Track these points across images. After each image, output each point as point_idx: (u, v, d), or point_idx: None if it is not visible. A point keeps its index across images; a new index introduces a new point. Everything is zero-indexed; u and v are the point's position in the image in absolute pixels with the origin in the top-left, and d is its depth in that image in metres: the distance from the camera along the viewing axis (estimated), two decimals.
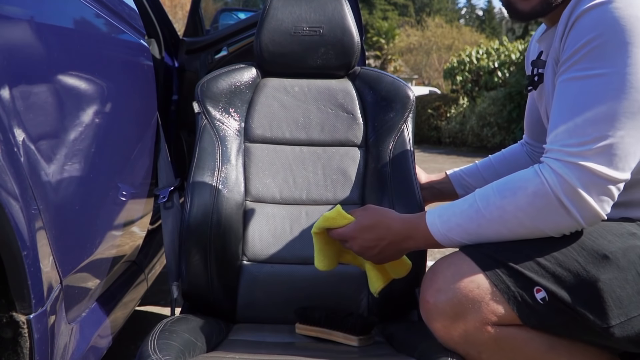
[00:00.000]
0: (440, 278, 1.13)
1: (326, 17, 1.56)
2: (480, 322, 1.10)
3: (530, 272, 1.09)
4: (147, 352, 1.08)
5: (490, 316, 1.09)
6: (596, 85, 1.04)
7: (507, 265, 1.10)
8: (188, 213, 1.42)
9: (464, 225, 1.12)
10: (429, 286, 1.14)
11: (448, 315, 1.11)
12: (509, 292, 1.09)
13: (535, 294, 1.08)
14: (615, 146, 1.02)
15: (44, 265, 0.97)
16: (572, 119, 1.05)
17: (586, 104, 1.04)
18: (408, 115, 1.54)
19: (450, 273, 1.12)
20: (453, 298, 1.10)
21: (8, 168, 0.88)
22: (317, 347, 1.28)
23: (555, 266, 1.08)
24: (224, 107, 1.53)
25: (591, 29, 1.05)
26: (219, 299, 1.43)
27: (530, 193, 1.06)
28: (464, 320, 1.10)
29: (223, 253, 1.43)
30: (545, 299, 1.08)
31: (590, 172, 1.02)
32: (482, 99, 11.78)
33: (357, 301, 1.45)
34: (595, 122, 1.03)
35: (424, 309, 1.15)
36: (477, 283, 1.10)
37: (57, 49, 1.09)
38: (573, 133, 1.04)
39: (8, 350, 0.95)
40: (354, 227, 1.20)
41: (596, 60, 1.04)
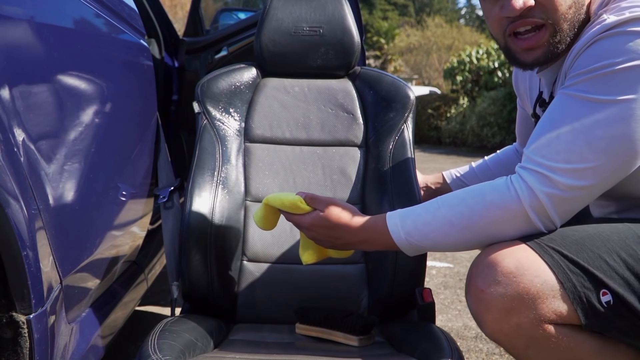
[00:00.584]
0: (499, 268, 1.07)
1: (326, 17, 1.56)
2: (536, 319, 1.06)
3: (600, 272, 1.06)
4: (147, 352, 1.08)
5: (549, 314, 1.06)
6: (594, 109, 1.05)
7: (576, 262, 1.06)
8: (188, 213, 1.42)
9: (427, 230, 1.13)
10: (485, 274, 1.08)
11: (503, 309, 1.06)
12: (574, 292, 1.05)
13: (601, 297, 1.05)
14: (592, 171, 1.05)
15: (44, 265, 0.97)
16: (560, 135, 1.07)
17: (578, 124, 1.05)
18: (408, 115, 1.54)
19: (513, 264, 1.06)
20: (514, 292, 1.05)
21: (8, 168, 0.88)
22: (317, 347, 1.28)
23: (624, 269, 1.06)
24: (224, 107, 1.53)
25: (608, 55, 1.03)
26: (219, 299, 1.43)
27: (500, 205, 1.09)
28: (519, 314, 1.06)
29: (223, 253, 1.43)
30: (609, 303, 1.05)
31: (559, 188, 1.06)
32: (482, 99, 11.78)
33: (357, 301, 1.45)
34: (581, 145, 1.05)
35: (475, 298, 1.09)
36: (543, 279, 1.05)
37: (57, 49, 1.09)
38: (555, 148, 1.06)
39: (8, 350, 0.95)
40: (312, 220, 1.19)
41: (601, 86, 1.04)
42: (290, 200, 1.20)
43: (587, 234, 1.10)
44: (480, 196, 1.11)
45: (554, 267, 1.06)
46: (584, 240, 1.09)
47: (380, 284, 1.44)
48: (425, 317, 1.36)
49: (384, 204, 1.46)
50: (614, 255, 1.07)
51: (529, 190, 1.07)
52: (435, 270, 3.24)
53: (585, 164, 1.05)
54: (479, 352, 2.13)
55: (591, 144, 1.05)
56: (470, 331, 2.34)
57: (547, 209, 1.07)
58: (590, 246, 1.08)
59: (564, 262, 1.07)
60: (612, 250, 1.08)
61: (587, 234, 1.10)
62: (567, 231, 1.11)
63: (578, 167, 1.05)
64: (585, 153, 1.05)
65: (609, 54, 1.03)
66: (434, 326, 1.30)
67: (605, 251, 1.07)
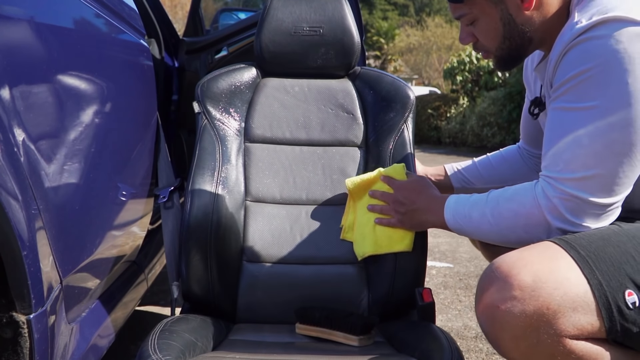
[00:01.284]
0: (516, 282, 1.01)
1: (326, 17, 1.56)
2: (557, 335, 1.01)
3: (628, 266, 1.03)
4: (147, 352, 1.08)
5: (571, 329, 1.01)
6: (581, 117, 1.09)
7: (602, 258, 1.04)
8: (188, 213, 1.42)
9: (471, 218, 1.23)
10: (500, 289, 1.03)
11: (521, 326, 1.01)
12: (600, 290, 1.01)
13: (627, 297, 1.02)
14: (597, 177, 1.09)
15: (44, 265, 0.97)
16: (558, 147, 1.12)
17: (572, 135, 1.10)
18: (408, 115, 1.54)
19: (530, 277, 1.01)
20: (533, 308, 1.00)
21: (8, 168, 0.88)
22: (317, 347, 1.28)
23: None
24: (224, 107, 1.53)
25: (580, 62, 1.09)
26: (219, 299, 1.43)
27: (526, 212, 1.15)
28: (538, 332, 1.01)
29: (223, 253, 1.43)
30: (635, 304, 1.02)
31: (573, 198, 1.10)
32: (482, 99, 11.78)
33: (357, 301, 1.45)
34: (578, 153, 1.09)
35: (488, 315, 1.05)
36: (563, 291, 1.01)
37: (57, 49, 1.09)
38: (559, 160, 1.12)
39: (8, 350, 0.95)
40: (405, 183, 1.39)
41: (581, 93, 1.09)
42: (398, 167, 1.44)
43: (612, 232, 1.09)
44: (513, 201, 1.18)
45: (580, 262, 1.03)
46: (610, 237, 1.08)
47: (380, 284, 1.44)
48: (425, 317, 1.36)
49: None
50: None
51: (547, 201, 1.12)
52: (435, 270, 3.24)
53: (590, 170, 1.08)
54: (479, 352, 2.13)
55: (589, 150, 1.08)
56: (470, 331, 2.34)
57: (562, 211, 1.11)
58: (617, 242, 1.07)
59: (591, 258, 1.04)
60: (639, 245, 1.06)
61: (612, 232, 1.09)
62: (592, 231, 1.11)
63: (584, 175, 1.09)
64: (587, 160, 1.08)
65: (581, 61, 1.08)
66: (434, 326, 1.30)
67: (632, 246, 1.06)
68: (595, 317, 1.02)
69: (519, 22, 1.23)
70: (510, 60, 1.30)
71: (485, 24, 1.26)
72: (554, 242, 1.08)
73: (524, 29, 1.24)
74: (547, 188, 1.13)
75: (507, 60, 1.30)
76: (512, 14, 1.22)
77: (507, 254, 1.08)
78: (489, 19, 1.25)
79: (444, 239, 4.01)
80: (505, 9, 1.22)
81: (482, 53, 1.33)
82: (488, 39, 1.28)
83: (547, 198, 1.12)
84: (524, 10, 1.22)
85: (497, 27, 1.25)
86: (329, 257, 1.47)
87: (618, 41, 1.05)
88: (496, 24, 1.24)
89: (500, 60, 1.30)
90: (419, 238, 1.43)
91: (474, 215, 1.22)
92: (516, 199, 1.17)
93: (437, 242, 3.91)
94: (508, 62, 1.30)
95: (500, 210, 1.19)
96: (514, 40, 1.25)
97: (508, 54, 1.28)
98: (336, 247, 1.47)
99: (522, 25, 1.23)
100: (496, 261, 1.08)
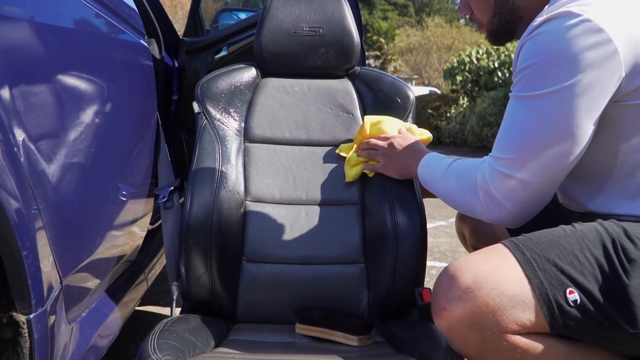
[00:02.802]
0: (458, 284, 1.09)
1: (326, 17, 1.56)
2: (499, 331, 1.07)
3: (571, 267, 1.08)
4: (147, 352, 1.08)
5: (512, 325, 1.07)
6: (525, 105, 1.17)
7: (547, 258, 1.08)
8: (188, 213, 1.42)
9: (432, 175, 1.37)
10: (445, 292, 1.11)
11: (465, 324, 1.08)
12: (541, 289, 1.07)
13: (568, 296, 1.07)
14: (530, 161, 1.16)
15: (44, 265, 0.97)
16: (504, 130, 1.21)
17: (514, 119, 1.19)
18: (408, 115, 1.55)
19: (470, 279, 1.08)
20: (473, 307, 1.07)
21: (8, 168, 0.88)
22: (317, 347, 1.28)
23: (595, 267, 1.08)
24: (223, 107, 1.53)
25: (529, 56, 1.14)
26: (219, 298, 1.43)
27: (468, 181, 1.26)
28: (482, 329, 1.07)
29: (223, 253, 1.43)
30: (576, 302, 1.06)
31: (505, 177, 1.18)
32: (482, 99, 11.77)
33: (357, 301, 1.45)
34: (517, 136, 1.18)
35: (439, 316, 1.13)
36: (500, 290, 1.07)
37: (57, 49, 1.09)
38: (501, 141, 1.21)
39: (8, 350, 0.95)
40: (400, 135, 1.50)
41: (527, 84, 1.16)
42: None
43: (564, 232, 1.13)
44: (463, 171, 1.30)
45: (523, 263, 1.09)
46: (560, 238, 1.12)
47: (380, 284, 1.44)
48: (425, 317, 1.36)
49: (383, 204, 1.46)
50: (586, 252, 1.09)
51: (482, 177, 1.22)
52: (435, 270, 3.24)
53: (525, 155, 1.16)
54: None
55: (527, 136, 1.16)
56: None
57: (491, 187, 1.20)
58: (565, 243, 1.10)
59: (535, 259, 1.09)
60: (585, 247, 1.09)
61: (564, 233, 1.13)
62: (545, 232, 1.14)
63: (519, 158, 1.16)
64: (523, 143, 1.16)
65: (530, 55, 1.14)
66: (434, 326, 1.30)
67: (579, 248, 1.09)
68: (535, 314, 1.07)
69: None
70: (501, 35, 1.34)
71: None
72: (504, 245, 1.14)
73: (514, 6, 1.28)
74: (487, 166, 1.22)
75: (497, 34, 1.35)
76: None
77: (457, 259, 1.15)
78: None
79: (444, 239, 4.01)
80: None
81: (477, 25, 1.38)
82: (480, 12, 1.34)
83: (485, 173, 1.22)
84: None
85: (489, 0, 1.30)
86: (329, 257, 1.47)
87: (562, 36, 1.09)
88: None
89: (492, 34, 1.36)
90: (419, 238, 1.43)
91: (436, 173, 1.35)
92: (467, 168, 1.29)
93: (437, 242, 3.91)
94: (499, 36, 1.35)
95: (453, 173, 1.31)
96: (504, 15, 1.30)
97: (498, 29, 1.33)
98: (336, 247, 1.47)
99: (512, 2, 1.28)
100: (448, 265, 1.15)
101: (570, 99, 1.10)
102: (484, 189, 1.22)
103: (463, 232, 1.69)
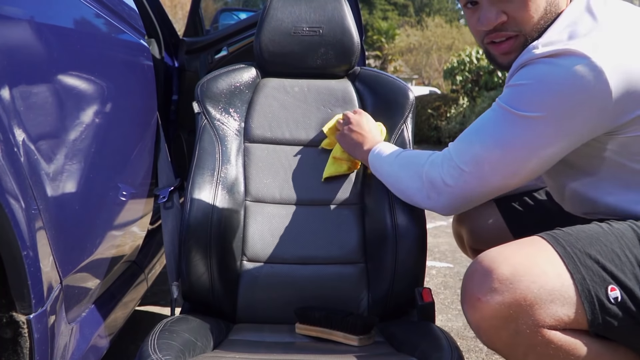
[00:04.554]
0: (495, 275, 1.06)
1: (326, 17, 1.56)
2: (535, 325, 1.05)
3: (612, 265, 1.07)
4: (147, 352, 1.08)
5: (548, 320, 1.05)
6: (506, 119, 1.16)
7: (588, 254, 1.07)
8: (188, 213, 1.42)
9: (381, 161, 1.41)
10: (479, 282, 1.08)
11: (501, 316, 1.06)
12: (583, 284, 1.05)
13: (609, 292, 1.06)
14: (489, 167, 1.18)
15: (44, 265, 0.97)
16: (475, 130, 1.22)
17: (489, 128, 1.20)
18: (408, 115, 1.55)
19: (508, 270, 1.06)
20: (510, 299, 1.04)
21: (8, 168, 0.88)
22: (317, 347, 1.28)
23: (636, 266, 1.07)
24: (223, 107, 1.53)
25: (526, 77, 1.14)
26: (219, 298, 1.43)
27: (415, 167, 1.30)
28: (517, 322, 1.05)
29: (223, 253, 1.43)
30: (617, 300, 1.06)
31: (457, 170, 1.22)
32: (482, 99, 11.77)
33: (357, 301, 1.45)
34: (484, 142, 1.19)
35: (471, 306, 1.10)
36: (540, 284, 1.05)
37: (57, 49, 1.09)
38: (466, 140, 1.22)
39: (8, 350, 0.95)
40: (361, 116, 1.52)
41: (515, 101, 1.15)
42: None
43: (602, 230, 1.12)
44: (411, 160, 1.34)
45: (565, 257, 1.07)
46: (599, 235, 1.10)
47: (380, 284, 1.44)
48: (425, 317, 1.37)
49: (383, 204, 1.46)
50: (626, 251, 1.08)
51: (432, 168, 1.26)
52: (435, 270, 3.24)
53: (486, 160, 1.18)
54: (479, 352, 2.13)
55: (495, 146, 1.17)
56: (470, 331, 2.34)
57: (440, 180, 1.23)
58: (605, 240, 1.09)
59: (576, 254, 1.07)
60: (625, 245, 1.09)
61: (602, 230, 1.12)
62: (583, 227, 1.13)
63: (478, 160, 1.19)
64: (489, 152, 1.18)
65: (529, 77, 1.14)
66: (434, 326, 1.30)
67: (618, 246, 1.08)
68: (575, 309, 1.06)
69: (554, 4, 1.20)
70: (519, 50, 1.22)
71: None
72: (542, 238, 1.12)
73: (553, 11, 1.20)
74: (445, 155, 1.24)
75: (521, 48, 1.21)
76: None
77: (490, 250, 1.12)
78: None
79: (444, 239, 4.01)
80: None
81: (502, 44, 1.24)
82: (526, 12, 1.19)
83: (437, 161, 1.25)
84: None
85: (540, 2, 1.19)
86: (329, 257, 1.47)
87: (564, 76, 1.09)
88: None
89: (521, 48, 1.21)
90: (419, 238, 1.43)
91: (385, 158, 1.40)
92: (416, 156, 1.33)
93: (437, 242, 3.91)
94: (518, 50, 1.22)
95: (401, 160, 1.35)
96: (546, 22, 1.20)
97: (536, 37, 1.20)
98: (336, 247, 1.47)
99: (555, 7, 1.20)
100: (480, 256, 1.12)
101: (550, 128, 1.12)
102: (429, 175, 1.26)
103: (460, 233, 1.68)
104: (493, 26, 1.22)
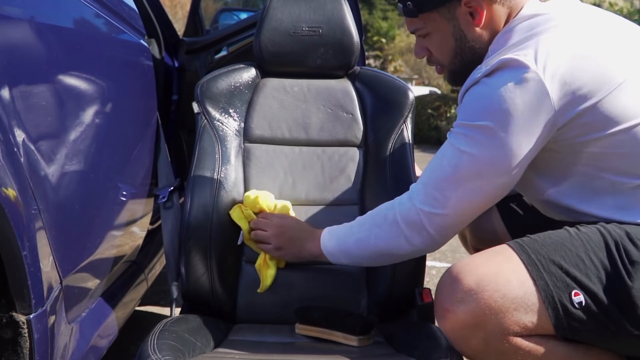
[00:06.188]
0: (461, 286, 1.11)
1: (325, 17, 1.56)
2: (501, 333, 1.09)
3: (576, 270, 1.09)
4: (147, 352, 1.08)
5: (514, 327, 1.08)
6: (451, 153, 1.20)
7: (552, 260, 1.10)
8: (188, 213, 1.42)
9: (341, 242, 1.32)
10: (448, 293, 1.12)
11: (468, 325, 1.10)
12: (547, 290, 1.08)
13: (573, 297, 1.08)
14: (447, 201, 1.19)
15: (44, 265, 0.97)
16: (428, 167, 1.24)
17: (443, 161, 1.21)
18: (407, 115, 1.54)
19: (473, 281, 1.10)
20: (475, 308, 1.09)
21: (8, 168, 0.89)
22: (317, 347, 1.28)
23: (600, 269, 1.09)
24: (223, 107, 1.53)
25: (469, 110, 1.18)
26: (218, 299, 1.43)
27: (386, 221, 1.26)
28: (484, 330, 1.09)
29: (223, 253, 1.43)
30: (581, 304, 1.08)
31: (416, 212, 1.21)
32: None
33: (357, 301, 1.45)
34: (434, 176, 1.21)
35: (442, 318, 1.14)
36: (503, 293, 1.08)
37: (57, 49, 1.09)
38: (427, 182, 1.22)
39: (8, 350, 0.95)
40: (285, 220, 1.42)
41: (462, 118, 1.19)
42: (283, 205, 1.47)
43: (569, 235, 1.14)
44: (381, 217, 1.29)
45: (529, 265, 1.10)
46: (564, 240, 1.12)
47: (380, 284, 1.44)
48: (424, 317, 1.37)
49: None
50: (591, 255, 1.10)
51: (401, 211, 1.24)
52: (435, 270, 3.24)
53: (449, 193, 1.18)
54: None
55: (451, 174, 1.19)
56: None
57: (423, 223, 1.20)
58: (570, 245, 1.11)
59: (540, 261, 1.10)
60: (590, 249, 1.10)
61: (568, 235, 1.13)
62: (550, 233, 1.15)
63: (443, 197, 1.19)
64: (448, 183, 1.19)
65: (471, 110, 1.18)
66: (434, 326, 1.30)
67: (584, 250, 1.10)
68: (539, 315, 1.09)
69: (470, 39, 1.28)
70: (463, 76, 1.30)
71: (439, 39, 1.31)
72: (509, 246, 1.14)
73: (474, 46, 1.28)
74: (413, 202, 1.23)
75: (459, 75, 1.33)
76: (463, 30, 1.27)
77: (460, 260, 1.16)
78: (441, 34, 1.30)
79: None
80: (457, 25, 1.27)
81: (436, 67, 1.37)
82: (441, 53, 1.33)
83: (408, 207, 1.23)
84: (474, 26, 1.26)
85: (450, 42, 1.29)
86: None
87: (499, 92, 1.12)
88: (449, 39, 1.29)
89: (453, 74, 1.35)
90: None
91: (344, 238, 1.32)
92: (380, 213, 1.29)
93: None
94: (460, 77, 1.32)
95: (364, 225, 1.29)
96: (465, 56, 1.30)
97: (460, 69, 1.31)
98: None
99: (473, 41, 1.28)
100: (450, 267, 1.16)
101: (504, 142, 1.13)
102: (404, 214, 1.23)
103: (464, 233, 1.69)
104: (421, 58, 1.37)
